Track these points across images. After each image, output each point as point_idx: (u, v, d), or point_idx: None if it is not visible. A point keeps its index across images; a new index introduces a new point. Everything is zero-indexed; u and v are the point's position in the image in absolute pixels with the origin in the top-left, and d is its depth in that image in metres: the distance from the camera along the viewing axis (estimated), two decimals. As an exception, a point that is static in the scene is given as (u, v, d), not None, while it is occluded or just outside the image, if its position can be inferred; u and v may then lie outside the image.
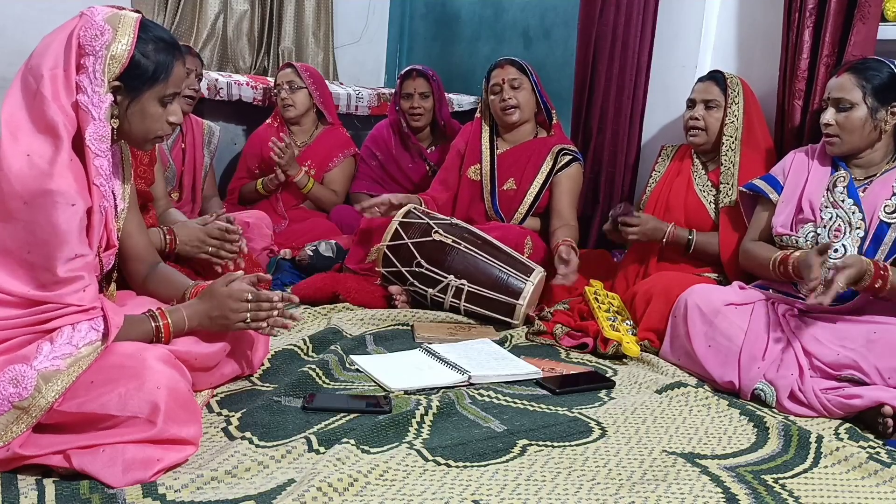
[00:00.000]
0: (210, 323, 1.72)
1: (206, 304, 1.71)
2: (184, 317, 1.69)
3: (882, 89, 2.18)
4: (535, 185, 3.04)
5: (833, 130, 2.23)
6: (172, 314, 1.68)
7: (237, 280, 1.75)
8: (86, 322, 1.49)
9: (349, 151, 3.69)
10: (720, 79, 2.71)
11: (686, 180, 2.77)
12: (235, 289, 1.72)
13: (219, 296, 1.71)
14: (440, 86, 3.60)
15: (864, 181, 2.26)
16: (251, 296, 1.72)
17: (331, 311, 2.60)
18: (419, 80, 3.54)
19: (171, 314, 1.68)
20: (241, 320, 1.73)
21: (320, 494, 1.42)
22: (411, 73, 3.57)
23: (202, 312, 1.71)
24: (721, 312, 2.21)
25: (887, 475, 1.68)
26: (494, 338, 2.43)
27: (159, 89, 1.61)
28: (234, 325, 1.73)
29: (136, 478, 1.43)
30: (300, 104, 3.58)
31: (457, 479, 1.55)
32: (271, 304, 1.75)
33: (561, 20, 3.95)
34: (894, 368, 2.00)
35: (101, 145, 1.55)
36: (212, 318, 1.71)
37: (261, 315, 1.74)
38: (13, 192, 1.45)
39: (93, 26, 1.53)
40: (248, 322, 1.74)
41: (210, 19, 4.37)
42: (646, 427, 1.86)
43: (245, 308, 1.72)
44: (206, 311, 1.71)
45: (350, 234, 3.17)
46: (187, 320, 1.69)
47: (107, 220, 1.65)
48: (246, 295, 1.72)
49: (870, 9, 2.46)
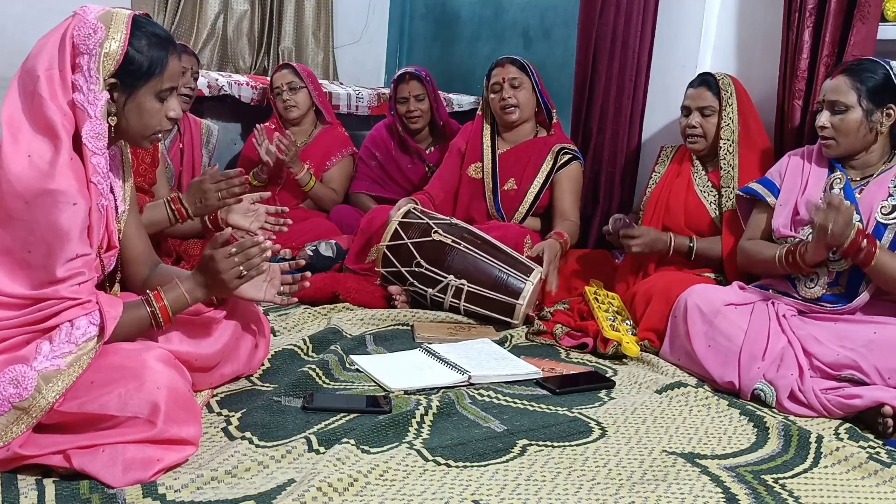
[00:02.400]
0: (210, 291, 1.70)
1: (200, 276, 1.69)
2: (183, 293, 1.66)
3: (877, 91, 2.17)
4: (536, 184, 3.04)
5: (828, 133, 2.23)
6: (169, 293, 1.65)
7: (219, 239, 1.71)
8: (84, 318, 1.49)
9: (347, 151, 3.69)
10: (712, 83, 2.69)
11: (686, 181, 2.77)
12: (218, 248, 1.69)
13: (206, 262, 1.68)
14: (434, 86, 3.59)
15: (860, 182, 2.25)
16: (235, 248, 1.68)
17: (331, 311, 2.60)
18: (413, 82, 3.53)
19: (167, 293, 1.65)
20: (235, 275, 1.68)
21: (320, 494, 1.42)
22: (404, 76, 3.55)
23: (199, 284, 1.68)
24: (721, 312, 2.20)
25: (887, 475, 1.68)
26: (494, 338, 2.43)
27: (155, 84, 1.61)
28: (233, 283, 1.69)
29: (136, 478, 1.43)
30: (302, 104, 3.58)
31: (457, 479, 1.55)
32: (258, 245, 1.70)
33: (561, 20, 3.95)
34: (894, 369, 2.00)
35: (98, 143, 1.55)
36: (209, 286, 1.69)
37: (254, 261, 1.69)
38: (14, 192, 1.45)
39: (86, 25, 1.53)
40: (243, 274, 1.69)
41: (210, 19, 4.37)
42: (646, 427, 1.86)
43: (234, 262, 1.67)
44: (202, 282, 1.68)
45: (350, 234, 3.17)
46: (188, 295, 1.66)
47: (108, 221, 1.65)
48: (230, 249, 1.68)
49: (870, 9, 2.46)
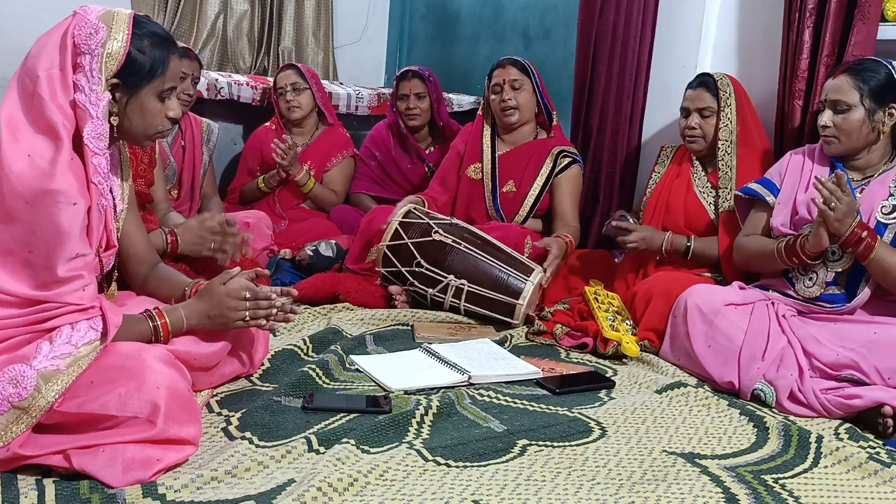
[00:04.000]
0: (209, 322, 1.71)
1: (205, 304, 1.71)
2: (182, 316, 1.68)
3: (879, 90, 2.17)
4: (535, 187, 3.04)
5: (831, 132, 2.23)
6: (170, 314, 1.67)
7: (235, 278, 1.74)
8: (85, 322, 1.49)
9: (348, 152, 3.69)
10: (711, 84, 2.68)
11: (686, 182, 2.77)
12: (234, 287, 1.71)
13: (217, 295, 1.71)
14: (437, 86, 3.59)
15: (861, 182, 2.25)
16: (249, 294, 1.71)
17: (331, 311, 2.60)
18: (414, 80, 3.54)
19: (169, 314, 1.67)
20: (239, 319, 1.72)
21: (320, 494, 1.42)
22: (407, 74, 3.57)
23: (201, 312, 1.70)
24: (721, 312, 2.20)
25: (887, 475, 1.68)
26: (494, 338, 2.43)
27: (157, 84, 1.61)
28: (232, 324, 1.73)
29: (135, 478, 1.43)
30: (305, 105, 3.58)
31: (457, 479, 1.55)
32: (269, 301, 1.74)
33: (561, 20, 3.95)
34: (894, 369, 2.00)
35: (99, 143, 1.55)
36: (210, 317, 1.71)
37: (260, 313, 1.73)
38: (15, 192, 1.45)
39: (87, 25, 1.53)
40: (246, 320, 1.73)
41: (210, 19, 4.37)
42: (646, 427, 1.86)
43: (244, 307, 1.71)
44: (204, 311, 1.70)
45: (350, 234, 3.17)
46: (186, 320, 1.68)
47: (106, 220, 1.65)
48: (244, 293, 1.71)
49: (870, 9, 2.46)
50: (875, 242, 2.06)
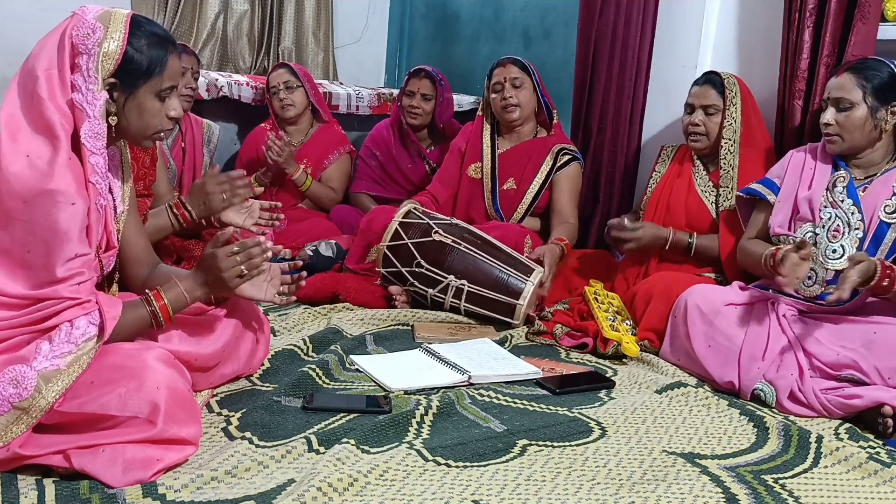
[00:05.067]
0: (210, 289, 1.71)
1: (201, 274, 1.70)
2: (182, 292, 1.67)
3: (882, 89, 2.17)
4: (535, 184, 3.04)
5: (833, 130, 2.23)
6: (168, 292, 1.66)
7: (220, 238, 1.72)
8: (83, 318, 1.49)
9: (345, 149, 3.69)
10: (717, 82, 2.69)
11: (687, 181, 2.76)
12: (220, 247, 1.69)
13: (208, 260, 1.69)
14: (446, 90, 3.59)
15: (863, 181, 2.25)
16: (237, 247, 1.69)
17: (331, 311, 2.60)
18: (425, 81, 3.54)
19: (167, 292, 1.65)
20: (236, 275, 1.69)
21: (320, 494, 1.42)
22: (419, 72, 3.58)
23: (199, 282, 1.69)
24: (721, 312, 2.20)
25: (887, 475, 1.68)
26: (494, 338, 2.43)
27: (155, 83, 1.61)
28: (233, 282, 1.70)
29: (136, 478, 1.43)
30: (299, 103, 3.59)
31: (457, 479, 1.55)
32: (260, 245, 1.71)
33: (561, 20, 3.95)
34: (894, 368, 2.00)
35: (96, 143, 1.55)
36: (209, 284, 1.70)
37: (255, 261, 1.70)
38: (13, 192, 1.45)
39: (84, 25, 1.53)
40: (244, 274, 1.70)
41: (210, 19, 4.37)
42: (646, 427, 1.86)
43: (235, 262, 1.68)
44: (202, 281, 1.69)
45: (350, 234, 3.17)
46: (187, 294, 1.67)
47: (106, 221, 1.65)
48: (232, 248, 1.69)
49: (870, 9, 2.46)
50: (894, 283, 2.00)
